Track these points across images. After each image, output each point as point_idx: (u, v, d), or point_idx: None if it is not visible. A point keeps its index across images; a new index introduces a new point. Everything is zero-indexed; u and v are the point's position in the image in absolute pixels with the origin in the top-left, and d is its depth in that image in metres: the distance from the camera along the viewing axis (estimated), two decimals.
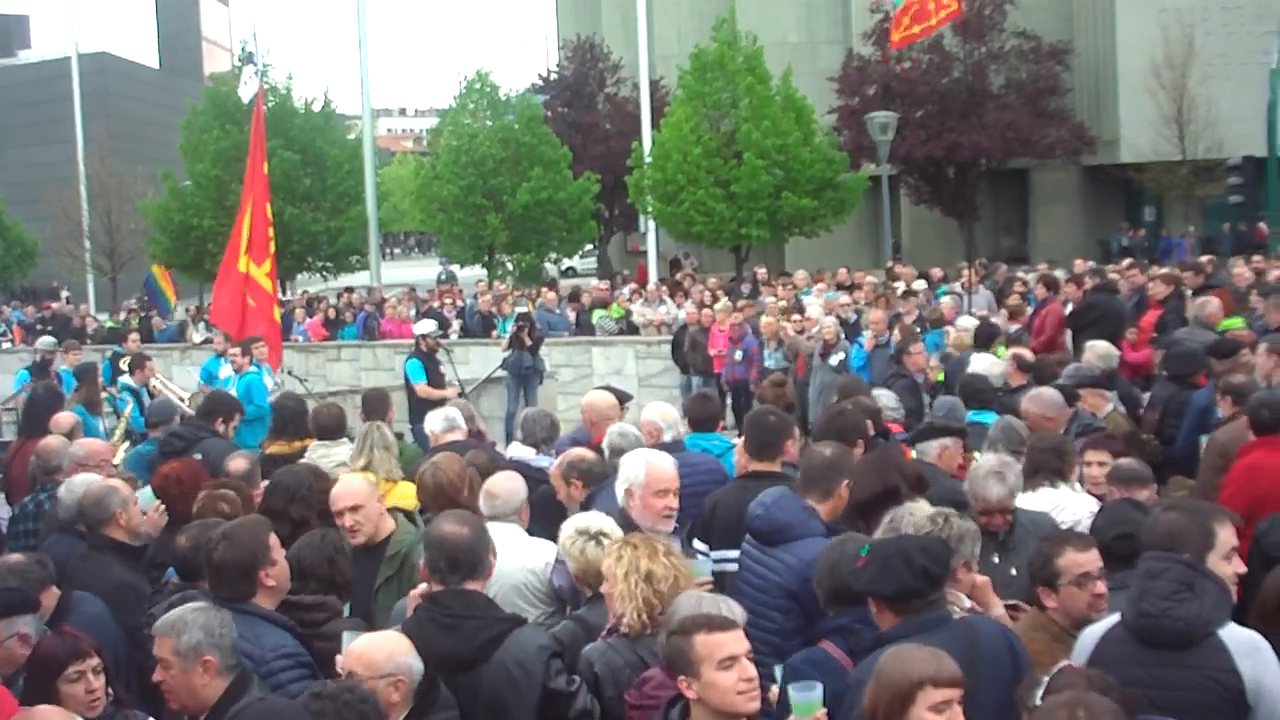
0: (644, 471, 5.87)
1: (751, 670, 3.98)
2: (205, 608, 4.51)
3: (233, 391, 12.39)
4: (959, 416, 8.25)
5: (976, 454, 7.50)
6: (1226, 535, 4.68)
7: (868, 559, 4.48)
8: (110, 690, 4.62)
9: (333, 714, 3.83)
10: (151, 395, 13.89)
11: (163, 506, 6.73)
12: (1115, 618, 4.44)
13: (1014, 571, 5.78)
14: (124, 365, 14.72)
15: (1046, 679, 3.88)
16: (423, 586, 5.00)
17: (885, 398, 8.75)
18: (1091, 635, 4.46)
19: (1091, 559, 4.70)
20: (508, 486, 6.12)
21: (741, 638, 4.04)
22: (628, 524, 5.57)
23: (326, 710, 3.84)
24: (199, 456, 8.06)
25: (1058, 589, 4.70)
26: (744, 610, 4.57)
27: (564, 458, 7.07)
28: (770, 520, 5.54)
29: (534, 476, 7.15)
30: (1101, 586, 4.66)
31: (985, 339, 12.66)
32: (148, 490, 6.95)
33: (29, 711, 3.98)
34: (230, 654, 4.37)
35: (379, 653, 4.23)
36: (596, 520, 5.41)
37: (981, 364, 10.53)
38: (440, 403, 10.82)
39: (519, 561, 5.75)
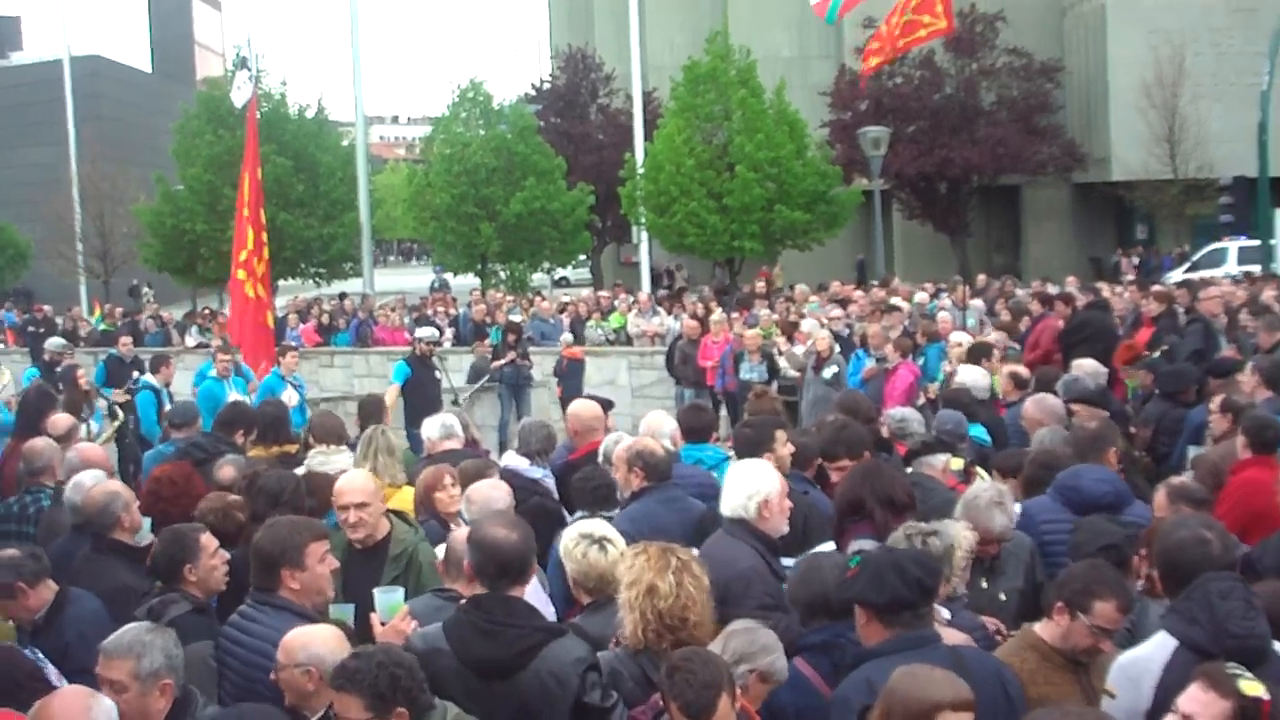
0: (778, 479, 5.80)
1: None
2: (157, 629, 4.49)
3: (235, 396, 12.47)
4: (963, 430, 8.23)
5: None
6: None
7: (858, 569, 4.47)
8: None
9: (366, 671, 3.95)
10: (172, 396, 13.86)
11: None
12: (1167, 643, 4.39)
13: (1002, 596, 5.81)
14: (147, 367, 14.85)
15: None
16: None
17: (914, 422, 8.30)
18: (1146, 664, 4.38)
19: (1121, 620, 4.62)
20: (485, 494, 6.16)
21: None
22: (755, 537, 5.54)
23: (362, 668, 3.96)
24: None
25: (1074, 618, 4.59)
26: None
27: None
28: (1119, 492, 6.39)
29: (526, 487, 7.17)
30: (1110, 647, 4.59)
31: (977, 356, 12.68)
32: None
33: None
34: (181, 675, 4.40)
35: (295, 642, 4.35)
36: (601, 527, 5.39)
37: (969, 376, 10.54)
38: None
39: None
